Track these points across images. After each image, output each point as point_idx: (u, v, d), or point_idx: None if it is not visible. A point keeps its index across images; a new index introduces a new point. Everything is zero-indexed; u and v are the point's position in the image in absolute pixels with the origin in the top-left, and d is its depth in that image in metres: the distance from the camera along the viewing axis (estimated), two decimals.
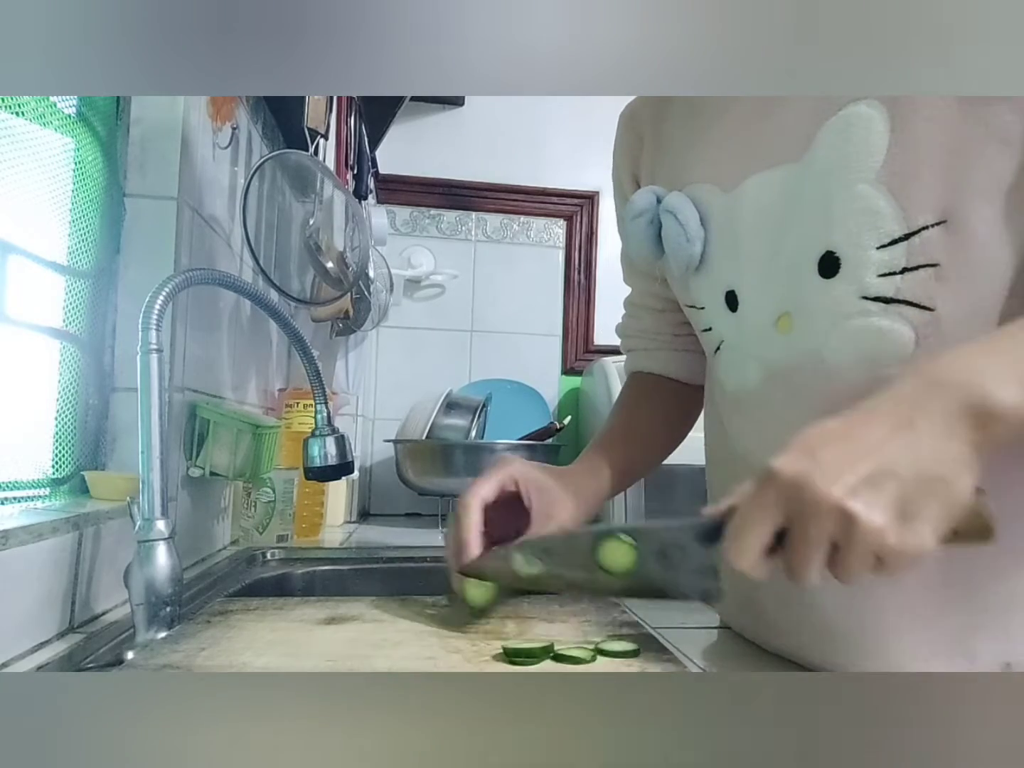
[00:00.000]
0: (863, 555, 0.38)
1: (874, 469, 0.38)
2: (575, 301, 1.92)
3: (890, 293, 0.46)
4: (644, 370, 0.77)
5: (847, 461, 0.38)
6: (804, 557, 0.39)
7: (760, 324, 0.54)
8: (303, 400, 1.29)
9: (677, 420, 0.76)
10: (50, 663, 0.54)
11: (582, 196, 1.93)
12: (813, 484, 0.38)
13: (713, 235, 0.57)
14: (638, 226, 0.60)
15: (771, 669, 0.56)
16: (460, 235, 1.90)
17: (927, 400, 0.39)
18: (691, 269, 0.59)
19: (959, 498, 0.38)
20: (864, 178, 0.46)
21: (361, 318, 1.50)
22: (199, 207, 0.90)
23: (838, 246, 0.48)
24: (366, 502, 1.79)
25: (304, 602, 0.64)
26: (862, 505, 0.37)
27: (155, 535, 0.59)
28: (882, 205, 0.46)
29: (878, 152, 0.46)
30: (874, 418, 0.39)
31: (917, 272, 0.45)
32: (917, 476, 0.37)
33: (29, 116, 0.67)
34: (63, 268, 0.74)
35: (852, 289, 0.47)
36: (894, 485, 0.37)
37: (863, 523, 0.37)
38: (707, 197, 0.57)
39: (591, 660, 0.49)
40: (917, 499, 0.37)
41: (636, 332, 0.78)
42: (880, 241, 0.46)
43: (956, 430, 0.38)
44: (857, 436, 0.39)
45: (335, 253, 1.26)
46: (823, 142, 0.49)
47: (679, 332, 0.74)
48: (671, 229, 0.57)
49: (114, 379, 0.81)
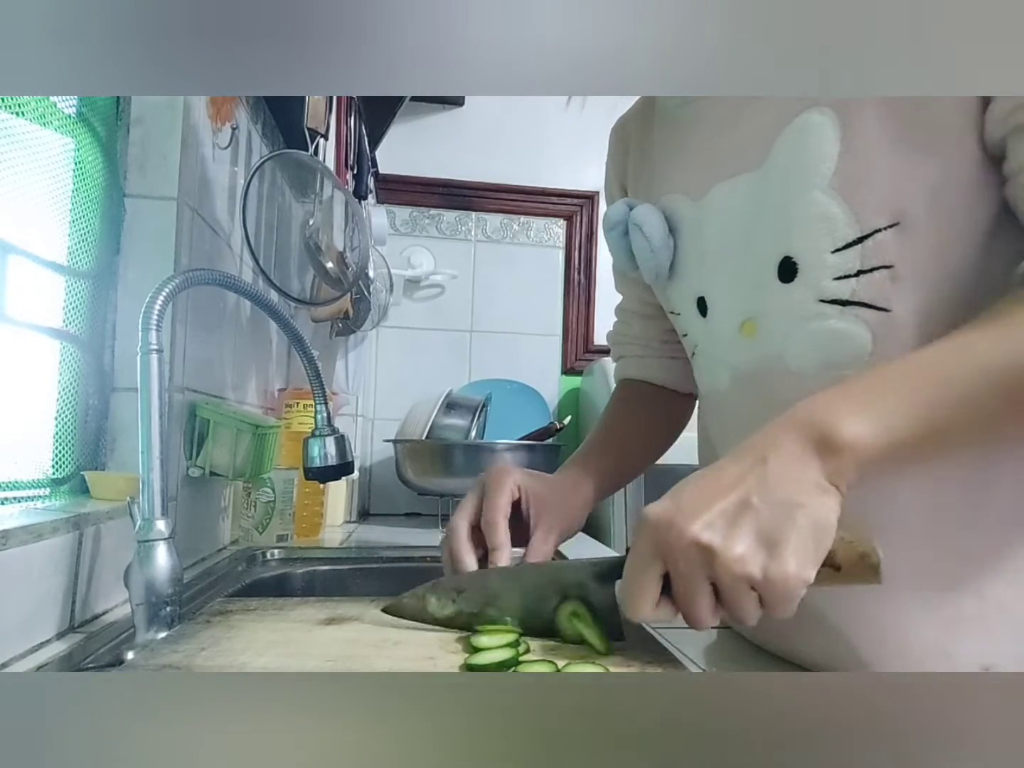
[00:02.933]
0: (736, 588, 0.39)
1: (730, 503, 0.39)
2: (575, 301, 1.92)
3: (846, 296, 0.47)
4: (633, 377, 0.79)
5: (704, 499, 0.40)
6: (687, 597, 0.41)
7: (727, 329, 0.55)
8: (303, 400, 1.29)
9: (664, 427, 0.79)
10: (50, 663, 0.54)
11: (582, 196, 1.93)
12: (673, 523, 0.40)
13: (683, 244, 0.59)
14: (613, 238, 0.62)
15: (771, 669, 0.56)
16: (460, 235, 1.90)
17: (780, 438, 0.41)
18: (661, 278, 0.61)
19: (821, 520, 0.39)
20: (817, 184, 0.47)
21: (361, 318, 1.50)
22: (199, 207, 0.90)
23: (796, 251, 0.49)
24: (366, 502, 1.79)
25: (304, 602, 0.64)
26: (719, 537, 0.39)
27: (155, 535, 0.59)
28: (835, 210, 0.47)
29: (829, 159, 0.46)
30: (735, 458, 0.42)
31: (872, 274, 0.46)
32: (771, 503, 0.39)
33: (29, 116, 0.67)
34: (63, 268, 0.74)
35: (810, 293, 0.48)
36: (749, 515, 0.39)
37: (721, 554, 0.38)
38: (678, 207, 0.58)
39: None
40: (775, 526, 0.38)
41: (626, 339, 0.80)
42: (835, 245, 0.47)
43: (805, 460, 0.40)
44: (716, 477, 0.41)
45: (335, 253, 1.26)
46: (779, 150, 0.50)
47: (667, 339, 0.76)
48: (637, 241, 0.60)
49: (114, 379, 0.81)
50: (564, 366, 1.92)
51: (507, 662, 0.46)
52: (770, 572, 0.38)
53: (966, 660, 0.47)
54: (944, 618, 0.47)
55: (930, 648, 0.48)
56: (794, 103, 0.49)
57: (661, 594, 0.42)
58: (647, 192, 0.63)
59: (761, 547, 0.38)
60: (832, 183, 0.46)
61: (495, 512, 0.60)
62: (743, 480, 0.40)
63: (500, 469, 0.64)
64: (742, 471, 0.40)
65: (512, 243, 1.92)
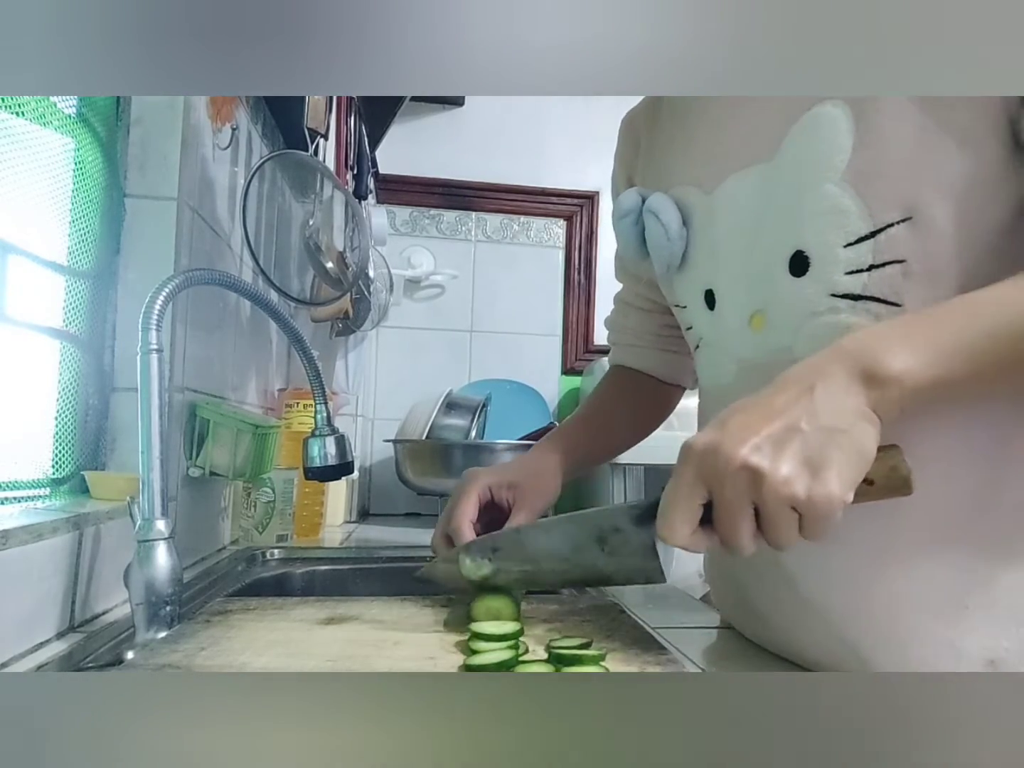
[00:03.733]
0: (780, 511, 0.40)
1: (777, 428, 0.40)
2: (575, 301, 1.92)
3: (857, 290, 0.47)
4: (624, 364, 0.81)
5: (752, 425, 0.41)
6: (729, 522, 0.41)
7: (735, 322, 0.55)
8: (303, 400, 1.29)
9: (647, 413, 0.81)
10: (50, 663, 0.54)
11: (582, 196, 1.93)
12: (721, 449, 0.41)
13: (695, 235, 0.58)
14: (624, 226, 0.62)
15: (771, 669, 0.56)
16: (460, 235, 1.90)
17: (826, 367, 0.42)
18: (673, 268, 0.61)
19: (862, 446, 0.40)
20: (830, 178, 0.47)
21: (361, 318, 1.50)
22: (199, 207, 0.90)
23: (807, 245, 0.49)
24: (366, 502, 1.79)
25: (304, 602, 0.64)
26: (767, 460, 0.40)
27: (155, 535, 0.59)
28: (848, 204, 0.46)
29: (843, 152, 0.46)
30: (780, 387, 0.42)
31: (884, 269, 0.46)
32: (817, 429, 0.40)
33: (29, 116, 0.67)
34: (63, 268, 0.74)
35: (821, 287, 0.48)
36: (797, 440, 0.40)
37: (769, 476, 0.39)
38: (690, 198, 0.58)
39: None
40: (820, 450, 0.39)
41: (622, 328, 0.81)
42: (847, 239, 0.47)
43: (852, 389, 0.41)
44: (763, 404, 0.42)
45: (335, 253, 1.26)
46: (791, 142, 0.50)
47: (663, 332, 0.77)
48: (653, 229, 0.59)
49: (114, 379, 0.81)
50: (564, 366, 1.92)
51: (507, 662, 0.46)
52: (814, 493, 0.39)
53: (971, 654, 0.46)
54: (949, 609, 0.47)
55: (933, 641, 0.47)
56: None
57: (699, 524, 0.43)
58: (656, 184, 0.62)
59: (805, 470, 0.39)
60: (845, 176, 0.46)
61: (459, 519, 0.63)
62: (790, 407, 0.41)
63: (467, 475, 0.68)
64: (788, 399, 0.41)
65: (512, 243, 1.92)
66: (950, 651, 0.47)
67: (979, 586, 0.46)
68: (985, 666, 0.46)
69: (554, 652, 0.47)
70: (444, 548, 0.64)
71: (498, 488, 0.66)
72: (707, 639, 0.65)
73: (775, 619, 0.57)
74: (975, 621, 0.46)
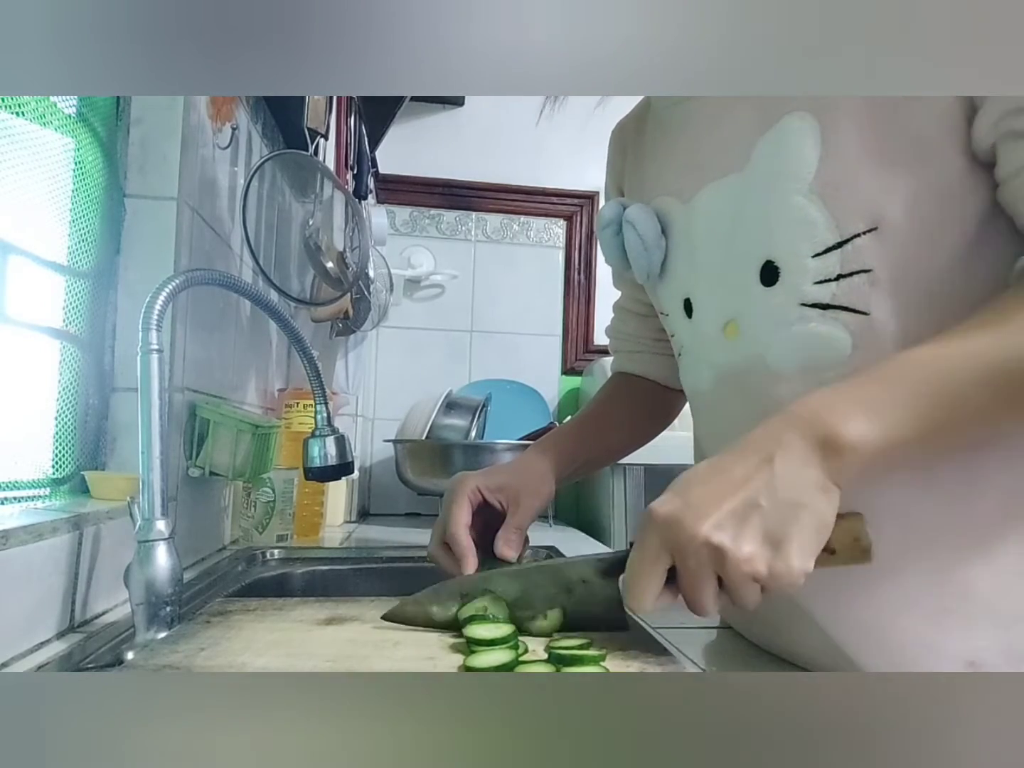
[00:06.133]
0: (743, 582, 0.41)
1: (738, 503, 0.41)
2: (575, 301, 1.92)
3: (826, 299, 0.48)
4: (626, 370, 0.81)
5: (714, 498, 0.41)
6: (694, 590, 0.42)
7: (710, 330, 0.56)
8: (303, 400, 1.29)
9: (648, 418, 0.81)
10: (50, 663, 0.54)
11: (582, 196, 1.93)
12: (684, 523, 0.41)
13: (674, 245, 0.59)
14: (606, 236, 0.63)
15: (771, 669, 0.56)
16: (460, 235, 1.90)
17: (784, 436, 0.42)
18: (653, 277, 0.62)
19: (822, 518, 0.41)
20: (798, 189, 0.48)
21: (361, 318, 1.50)
22: (199, 207, 0.90)
23: (777, 256, 0.50)
24: (366, 502, 1.79)
25: (304, 602, 0.64)
26: (728, 538, 0.40)
27: (155, 535, 0.59)
28: (815, 215, 0.47)
29: (810, 163, 0.47)
30: (739, 455, 0.43)
31: (851, 278, 0.47)
32: (777, 503, 0.40)
33: (29, 116, 0.67)
34: (63, 268, 0.74)
35: (791, 297, 0.49)
36: (757, 515, 0.41)
37: (731, 554, 0.40)
38: (669, 208, 0.59)
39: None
40: (781, 525, 0.40)
41: (621, 335, 0.82)
42: (815, 250, 0.48)
43: (810, 460, 0.41)
44: (723, 474, 0.42)
45: (335, 253, 1.26)
46: (760, 153, 0.50)
47: (661, 337, 0.77)
48: (631, 240, 0.60)
49: (114, 379, 0.81)
50: (564, 366, 1.92)
51: (507, 664, 0.46)
52: (775, 568, 0.40)
53: (950, 654, 0.47)
54: (928, 611, 0.47)
55: (914, 642, 0.48)
56: (776, 106, 0.49)
57: (664, 585, 0.44)
58: (640, 194, 0.64)
59: (766, 545, 0.40)
60: (812, 187, 0.47)
61: (454, 525, 0.63)
62: (750, 480, 0.41)
63: (457, 481, 0.67)
64: (748, 470, 0.42)
65: (512, 243, 1.92)
66: (931, 652, 0.47)
67: (957, 590, 0.47)
68: (965, 666, 0.47)
69: (554, 652, 0.47)
70: (443, 556, 0.64)
71: (488, 490, 0.66)
72: (707, 639, 0.65)
73: (771, 622, 0.57)
74: (954, 623, 0.47)
